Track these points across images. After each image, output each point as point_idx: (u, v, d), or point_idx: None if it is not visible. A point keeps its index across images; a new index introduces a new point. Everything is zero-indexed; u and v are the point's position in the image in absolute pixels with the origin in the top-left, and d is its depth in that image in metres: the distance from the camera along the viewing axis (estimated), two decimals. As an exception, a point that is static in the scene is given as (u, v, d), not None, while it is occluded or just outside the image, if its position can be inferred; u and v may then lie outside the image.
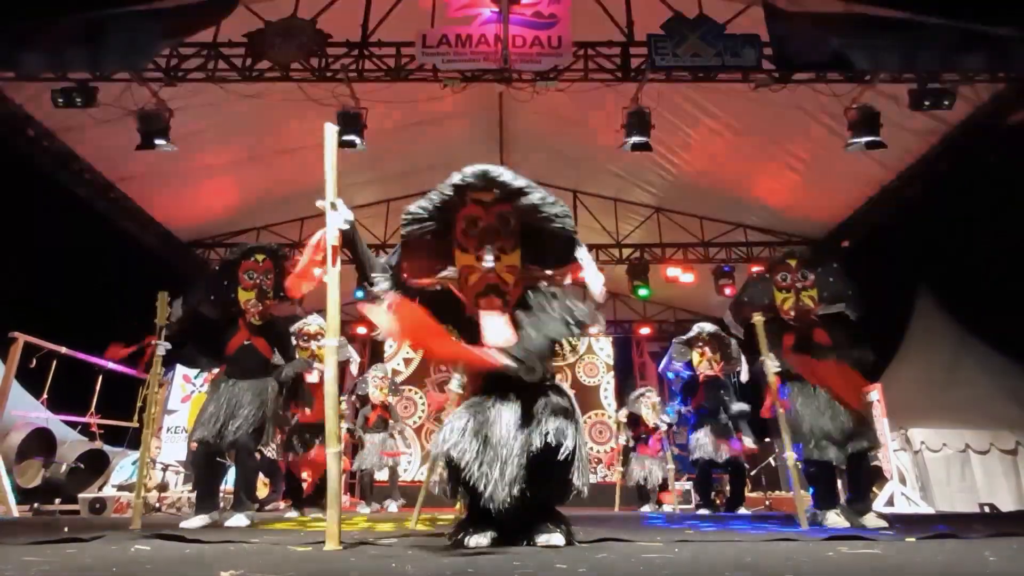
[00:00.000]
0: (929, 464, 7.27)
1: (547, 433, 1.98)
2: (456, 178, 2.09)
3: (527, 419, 2.05)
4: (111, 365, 6.57)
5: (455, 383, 2.19)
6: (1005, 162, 6.46)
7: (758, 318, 3.37)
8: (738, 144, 7.60)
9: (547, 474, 2.01)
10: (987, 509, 6.60)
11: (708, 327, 5.63)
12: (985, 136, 6.21)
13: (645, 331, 11.43)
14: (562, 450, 1.97)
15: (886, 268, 8.73)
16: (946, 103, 5.48)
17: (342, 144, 6.01)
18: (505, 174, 2.07)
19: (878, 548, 1.85)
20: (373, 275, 2.22)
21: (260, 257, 3.74)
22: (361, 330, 10.28)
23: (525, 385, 2.10)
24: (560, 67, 5.87)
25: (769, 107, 6.60)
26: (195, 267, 8.83)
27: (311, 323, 5.27)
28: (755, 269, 9.17)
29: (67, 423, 6.85)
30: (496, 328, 2.04)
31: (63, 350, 5.89)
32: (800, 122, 6.92)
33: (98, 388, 6.49)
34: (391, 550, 1.98)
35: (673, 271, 9.11)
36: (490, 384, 2.19)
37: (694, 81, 6.08)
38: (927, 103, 5.48)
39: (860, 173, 7.47)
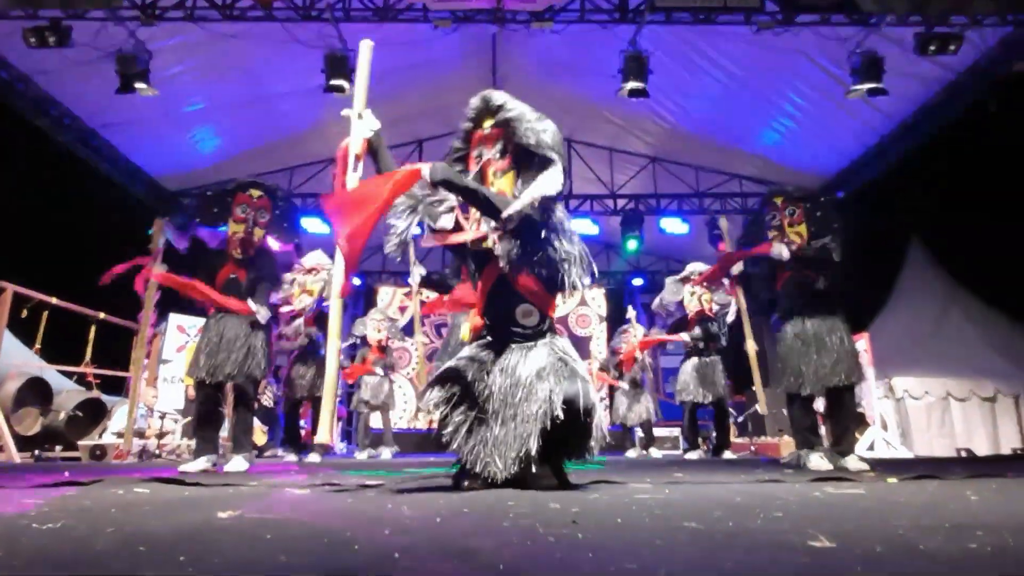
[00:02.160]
0: (910, 411, 7.50)
1: (560, 399, 1.95)
2: (468, 111, 2.26)
3: (532, 381, 2.03)
4: (103, 316, 6.55)
5: (464, 328, 2.30)
6: (1007, 111, 6.36)
7: (723, 222, 3.49)
8: (737, 91, 7.43)
9: (563, 440, 2.01)
10: (964, 453, 6.84)
11: (699, 266, 5.80)
12: (989, 84, 6.10)
13: (638, 282, 11.48)
14: (581, 414, 1.96)
15: (880, 220, 8.72)
16: (952, 48, 5.35)
17: (329, 89, 5.82)
18: (497, 95, 2.20)
19: (862, 489, 1.91)
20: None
21: (256, 193, 3.67)
22: (355, 280, 10.26)
23: (525, 336, 2.12)
24: (556, 7, 5.65)
25: (770, 52, 6.42)
26: (186, 218, 8.70)
27: (308, 258, 5.28)
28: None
29: (62, 373, 6.88)
30: None
31: (54, 300, 5.85)
32: (801, 68, 6.76)
33: (91, 338, 6.49)
34: (386, 491, 2.03)
35: (668, 222, 9.07)
36: (489, 335, 2.21)
37: (694, 23, 5.88)
38: (933, 48, 5.34)
39: (859, 122, 7.36)
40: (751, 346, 4.58)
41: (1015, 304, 8.40)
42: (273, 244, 3.72)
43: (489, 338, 2.21)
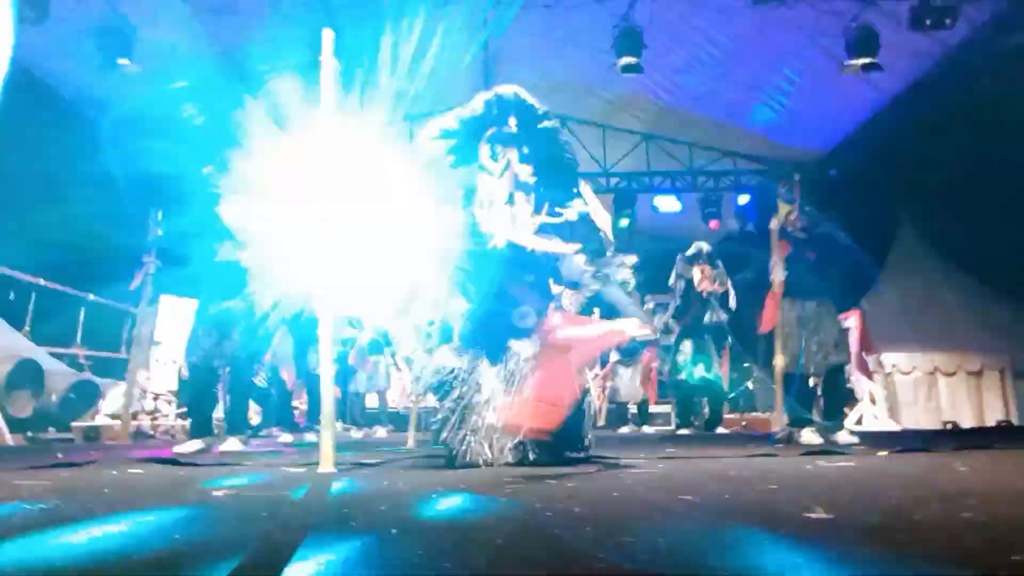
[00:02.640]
0: (898, 386, 7.61)
1: None
2: (488, 95, 2.13)
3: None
4: (92, 297, 6.48)
5: None
6: (999, 87, 6.33)
7: (773, 224, 3.42)
8: (732, 67, 7.34)
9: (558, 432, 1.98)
10: (949, 426, 6.96)
11: (707, 245, 5.74)
12: (982, 59, 6.06)
13: (630, 260, 11.48)
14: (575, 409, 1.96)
15: (871, 197, 8.72)
16: (947, 21, 5.29)
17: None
18: (539, 102, 2.13)
19: (853, 462, 1.93)
20: None
21: None
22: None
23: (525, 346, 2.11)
24: (548, -20, 5.52)
25: (765, 27, 6.33)
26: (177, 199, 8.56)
27: None
28: (742, 199, 9.17)
29: (53, 355, 6.82)
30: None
31: (41, 282, 5.78)
32: (796, 43, 6.67)
33: (81, 320, 6.43)
34: (384, 469, 2.03)
35: (661, 201, 9.03)
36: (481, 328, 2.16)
37: (689, -4, 5.78)
38: (928, 21, 5.28)
39: (853, 98, 7.30)
40: (779, 360, 4.14)
41: (1003, 280, 8.48)
42: None
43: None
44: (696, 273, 5.75)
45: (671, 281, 6.34)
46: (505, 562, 0.69)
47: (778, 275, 3.39)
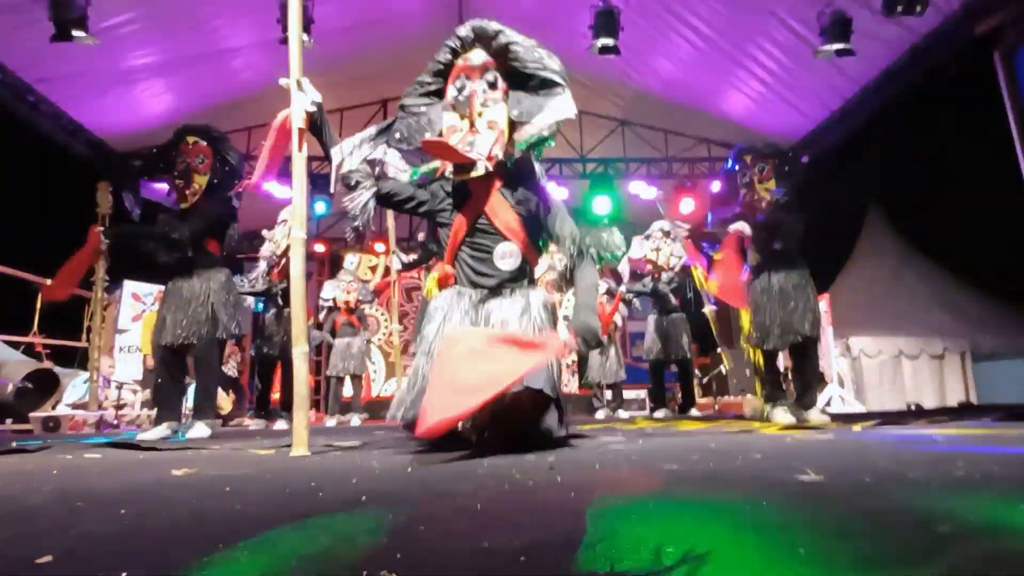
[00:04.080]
0: (865, 369, 7.81)
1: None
2: (450, 41, 2.07)
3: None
4: (49, 283, 6.22)
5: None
6: (966, 74, 6.46)
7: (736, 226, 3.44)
8: (707, 51, 7.35)
9: (516, 421, 1.82)
10: (913, 407, 7.17)
11: (663, 223, 5.91)
12: (951, 48, 6.16)
13: (616, 248, 11.50)
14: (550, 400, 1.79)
15: (841, 184, 8.88)
16: (918, 9, 5.36)
17: (285, 42, 5.51)
18: (492, 23, 2.05)
19: (831, 435, 1.93)
20: (350, 172, 2.06)
21: (191, 139, 3.46)
22: (319, 247, 10.03)
23: (501, 286, 2.02)
24: (524, -42, 5.42)
25: (740, 11, 6.34)
26: (133, 179, 8.25)
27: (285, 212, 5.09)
28: (716, 186, 9.26)
29: (8, 343, 6.53)
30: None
31: (-6, 267, 5.51)
32: (770, 28, 6.70)
33: (38, 307, 6.16)
34: (360, 452, 1.96)
35: (636, 186, 9.04)
36: (460, 288, 2.06)
37: (666, -22, 5.74)
38: (900, 8, 5.34)
39: (825, 86, 7.39)
40: (709, 309, 4.58)
41: (965, 267, 8.75)
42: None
43: (458, 291, 2.03)
44: (650, 252, 5.88)
45: (621, 265, 6.40)
46: (487, 524, 0.64)
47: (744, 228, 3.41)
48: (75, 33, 5.14)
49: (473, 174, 1.96)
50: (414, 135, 2.06)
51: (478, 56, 2.03)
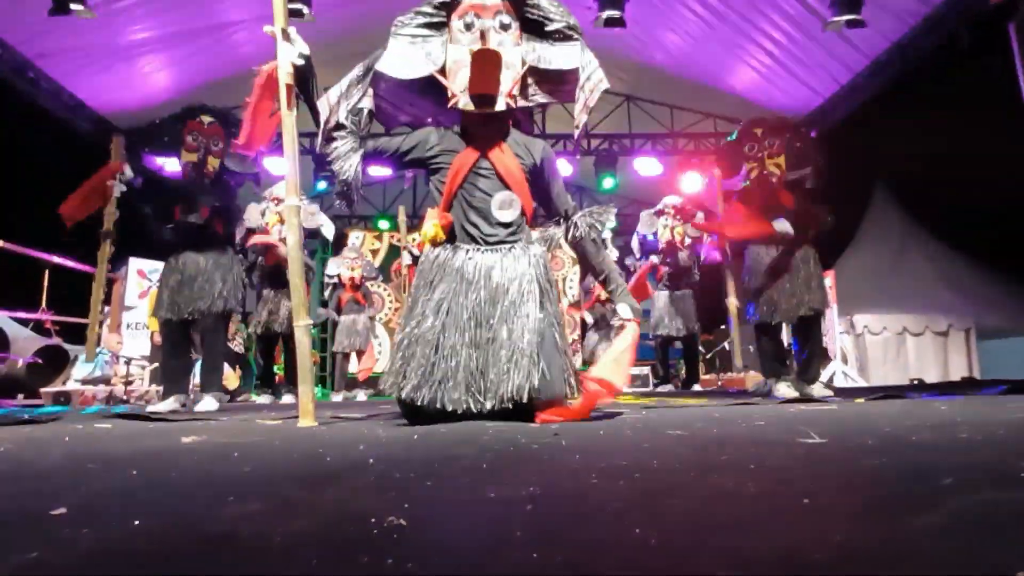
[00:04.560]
0: (869, 345, 7.81)
1: (534, 381, 1.67)
2: None
3: (515, 298, 1.81)
4: (57, 259, 6.24)
5: (429, 225, 1.97)
6: (979, 46, 6.33)
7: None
8: (714, 24, 7.21)
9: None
10: (916, 382, 7.18)
11: (675, 199, 5.84)
12: (964, 19, 6.02)
13: (615, 210, 11.43)
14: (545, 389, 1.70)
15: (849, 160, 8.76)
16: (932, -22, 5.23)
17: (290, 14, 5.43)
18: None
19: (834, 406, 1.94)
20: (337, 129, 1.92)
21: (207, 119, 3.44)
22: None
23: (500, 239, 1.93)
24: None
25: (749, -18, 6.20)
26: (135, 151, 8.22)
27: (281, 187, 5.05)
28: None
29: (17, 320, 6.59)
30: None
31: (1, 244, 5.52)
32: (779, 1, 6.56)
33: (46, 284, 6.20)
34: (367, 423, 1.98)
35: (641, 162, 8.95)
36: (458, 240, 1.95)
37: (673, -53, 5.61)
38: (912, -23, 5.22)
39: (834, 59, 7.25)
40: (732, 302, 4.33)
41: (970, 245, 8.67)
42: (238, 164, 3.49)
43: (453, 248, 1.92)
44: (661, 227, 5.82)
45: (632, 242, 6.37)
46: (493, 481, 0.65)
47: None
48: (73, 7, 5.08)
49: (496, 108, 1.89)
50: (409, 65, 1.93)
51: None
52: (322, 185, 8.35)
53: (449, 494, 0.59)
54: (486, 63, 1.85)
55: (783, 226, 3.33)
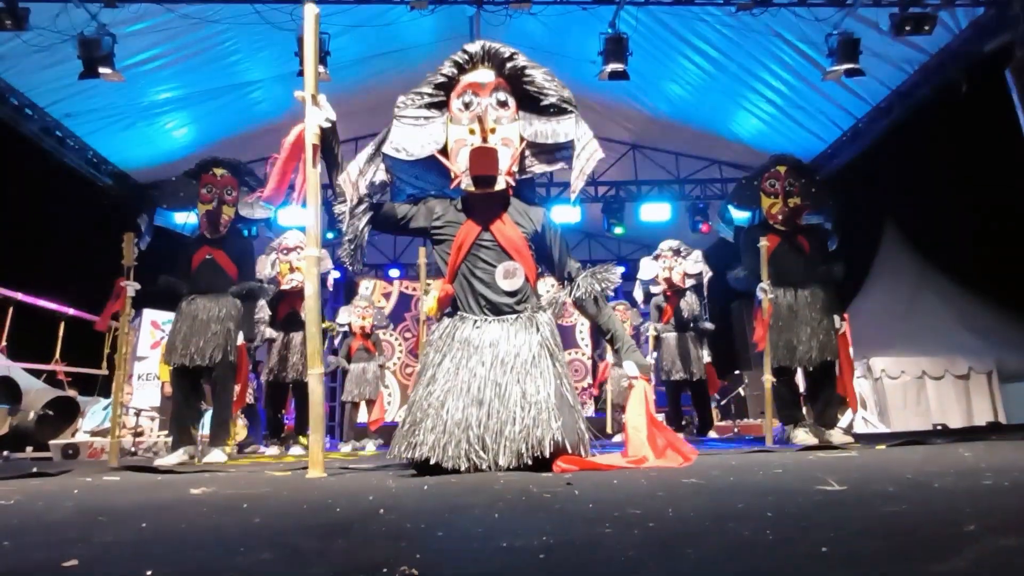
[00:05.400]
0: (888, 390, 7.62)
1: (549, 436, 1.67)
2: (455, 56, 2.07)
3: (524, 363, 1.84)
4: (73, 312, 6.34)
5: (430, 298, 2.04)
6: (976, 92, 6.45)
7: (764, 242, 3.39)
8: (716, 75, 7.43)
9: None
10: (939, 428, 6.97)
11: (672, 242, 5.81)
12: (961, 66, 6.17)
13: (620, 270, 11.47)
14: (560, 445, 1.68)
15: (856, 203, 8.81)
16: (927, 27, 5.39)
17: (304, 73, 5.67)
18: (505, 46, 2.06)
19: (854, 452, 1.89)
20: (357, 206, 2.07)
21: (219, 172, 3.56)
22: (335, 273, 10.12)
23: (506, 307, 1.99)
24: (534, -12, 5.56)
25: (748, 35, 6.41)
26: (150, 207, 8.46)
27: (289, 237, 5.13)
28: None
29: (30, 371, 6.64)
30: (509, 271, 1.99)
31: (19, 296, 5.64)
32: (779, 51, 6.76)
33: (60, 335, 6.28)
34: (376, 473, 1.95)
35: (648, 209, 9.06)
36: (461, 310, 2.01)
37: (673, 4, 5.84)
38: (908, 27, 5.38)
39: (835, 106, 7.41)
40: (768, 379, 3.80)
41: (986, 283, 8.58)
42: (250, 210, 3.59)
43: (459, 316, 1.99)
44: (662, 271, 5.84)
45: (635, 291, 6.37)
46: (505, 529, 0.64)
47: (764, 300, 3.36)
48: (102, 70, 5.33)
49: (496, 188, 1.98)
50: (413, 145, 2.04)
51: (487, 75, 2.05)
52: (329, 235, 8.51)
53: (461, 544, 0.59)
54: (482, 155, 1.96)
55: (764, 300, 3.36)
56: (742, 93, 7.69)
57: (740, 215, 3.78)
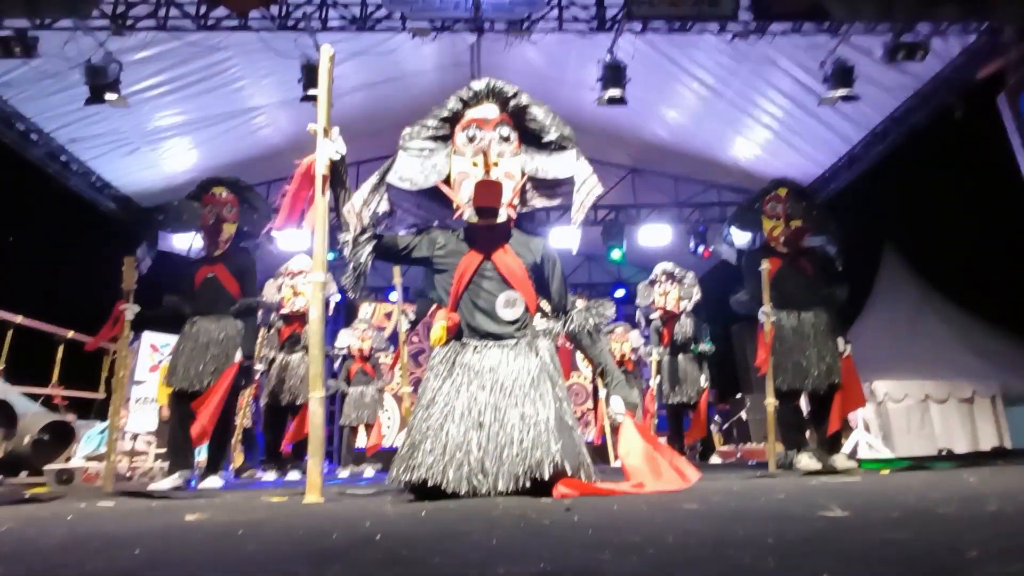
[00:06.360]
0: (891, 414, 7.55)
1: (549, 459, 1.68)
2: (461, 92, 2.13)
3: (524, 387, 1.87)
4: (71, 335, 6.32)
5: (437, 327, 2.07)
6: (970, 117, 6.55)
7: (765, 265, 3.39)
8: (713, 101, 7.53)
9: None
10: (944, 453, 6.89)
11: (666, 265, 5.81)
12: (954, 92, 6.26)
13: (619, 293, 11.48)
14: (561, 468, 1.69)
15: (854, 226, 8.85)
16: (919, 55, 5.49)
17: (306, 99, 5.76)
18: (509, 84, 2.12)
19: (858, 477, 1.87)
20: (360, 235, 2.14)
21: (219, 191, 3.58)
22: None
23: (506, 335, 2.01)
24: (534, 16, 5.67)
25: (744, 62, 6.52)
26: (152, 231, 8.51)
27: (294, 262, 5.16)
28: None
29: (27, 395, 6.59)
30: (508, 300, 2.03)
31: (19, 319, 5.63)
32: (774, 78, 6.87)
33: (59, 359, 6.25)
34: (374, 499, 1.93)
35: (647, 232, 9.10)
36: (463, 338, 2.04)
37: (670, 32, 5.96)
38: (901, 55, 5.48)
39: (831, 132, 7.50)
40: (771, 402, 3.78)
41: (988, 305, 8.57)
42: (249, 225, 3.61)
43: (461, 344, 2.03)
44: (657, 296, 5.84)
45: (637, 317, 6.37)
46: (503, 556, 0.63)
47: (767, 323, 3.36)
48: (108, 96, 5.41)
49: (498, 220, 2.03)
50: (417, 175, 2.10)
51: (491, 110, 2.12)
52: (330, 256, 8.53)
53: (458, 570, 0.58)
54: (487, 188, 2.02)
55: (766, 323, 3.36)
56: (739, 118, 7.79)
57: (742, 237, 3.79)
